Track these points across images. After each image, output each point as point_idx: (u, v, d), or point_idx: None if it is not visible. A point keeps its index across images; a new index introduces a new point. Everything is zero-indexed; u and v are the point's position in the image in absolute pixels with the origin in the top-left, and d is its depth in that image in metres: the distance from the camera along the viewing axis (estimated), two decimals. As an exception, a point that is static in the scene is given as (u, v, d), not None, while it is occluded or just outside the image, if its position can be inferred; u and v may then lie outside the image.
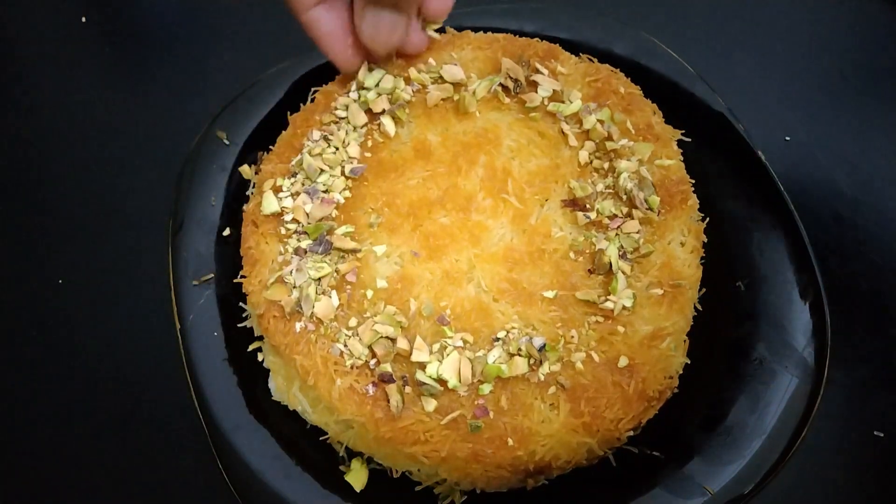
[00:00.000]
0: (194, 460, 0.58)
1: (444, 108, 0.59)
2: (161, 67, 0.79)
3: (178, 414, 0.59)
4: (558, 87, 0.58)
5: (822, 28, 0.80)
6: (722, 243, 0.60)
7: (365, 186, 0.56)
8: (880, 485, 0.58)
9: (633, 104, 0.59)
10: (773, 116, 0.74)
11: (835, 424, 0.60)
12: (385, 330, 0.49)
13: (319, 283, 0.51)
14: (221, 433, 0.53)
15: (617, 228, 0.53)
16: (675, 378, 0.52)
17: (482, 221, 0.54)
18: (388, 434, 0.47)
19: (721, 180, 0.62)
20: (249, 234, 0.54)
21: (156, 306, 0.63)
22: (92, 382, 0.62)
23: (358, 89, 0.58)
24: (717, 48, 0.79)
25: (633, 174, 0.55)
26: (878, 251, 0.67)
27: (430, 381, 0.47)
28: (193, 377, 0.55)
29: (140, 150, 0.73)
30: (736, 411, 0.53)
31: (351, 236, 0.53)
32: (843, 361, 0.62)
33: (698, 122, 0.62)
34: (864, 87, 0.76)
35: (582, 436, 0.48)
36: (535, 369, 0.48)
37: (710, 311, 0.57)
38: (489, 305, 0.51)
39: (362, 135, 0.57)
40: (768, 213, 0.60)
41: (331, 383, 0.48)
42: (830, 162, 0.71)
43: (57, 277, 0.66)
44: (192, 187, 0.61)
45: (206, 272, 0.59)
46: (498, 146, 0.57)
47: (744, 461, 0.51)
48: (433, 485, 0.52)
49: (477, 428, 0.47)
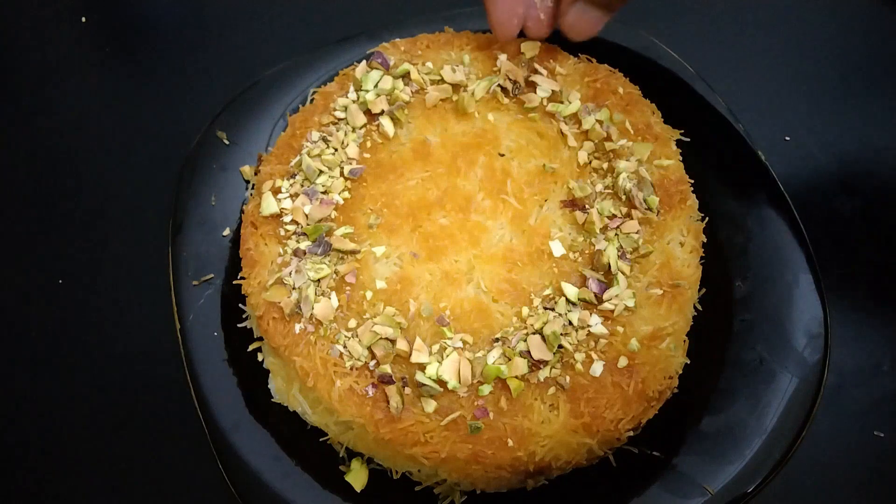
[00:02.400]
0: (194, 460, 0.58)
1: (443, 108, 0.59)
2: (161, 67, 0.79)
3: (178, 414, 0.59)
4: (557, 87, 0.58)
5: (822, 28, 0.80)
6: (721, 243, 0.60)
7: (364, 187, 0.56)
8: (880, 485, 0.58)
9: (632, 104, 0.59)
10: (773, 116, 0.74)
11: (835, 424, 0.60)
12: (384, 331, 0.49)
13: (319, 284, 0.51)
14: (221, 433, 0.53)
15: (616, 229, 0.53)
16: (675, 378, 0.52)
17: (481, 222, 0.54)
18: (388, 435, 0.47)
19: (721, 180, 0.62)
20: (249, 236, 0.54)
21: (156, 306, 0.63)
22: (92, 382, 0.62)
23: (356, 90, 0.58)
24: (717, 48, 0.78)
25: (633, 174, 0.55)
26: (878, 251, 0.67)
27: (429, 382, 0.47)
28: (193, 377, 0.55)
29: (140, 150, 0.73)
30: (736, 411, 0.53)
31: (350, 237, 0.53)
32: (843, 361, 0.62)
33: (698, 122, 0.62)
34: (864, 87, 0.76)
35: (582, 436, 0.48)
36: (535, 370, 0.48)
37: (710, 311, 0.57)
38: (489, 306, 0.51)
39: (361, 136, 0.57)
40: (768, 212, 0.60)
41: (330, 385, 0.48)
42: (830, 162, 0.71)
43: (57, 277, 0.66)
44: (192, 187, 0.61)
45: (206, 272, 0.59)
46: (497, 147, 0.57)
47: (744, 461, 0.51)
48: (433, 485, 0.52)
49: (477, 429, 0.47)
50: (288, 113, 0.62)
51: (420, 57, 0.60)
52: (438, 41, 0.61)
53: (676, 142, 0.58)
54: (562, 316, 0.50)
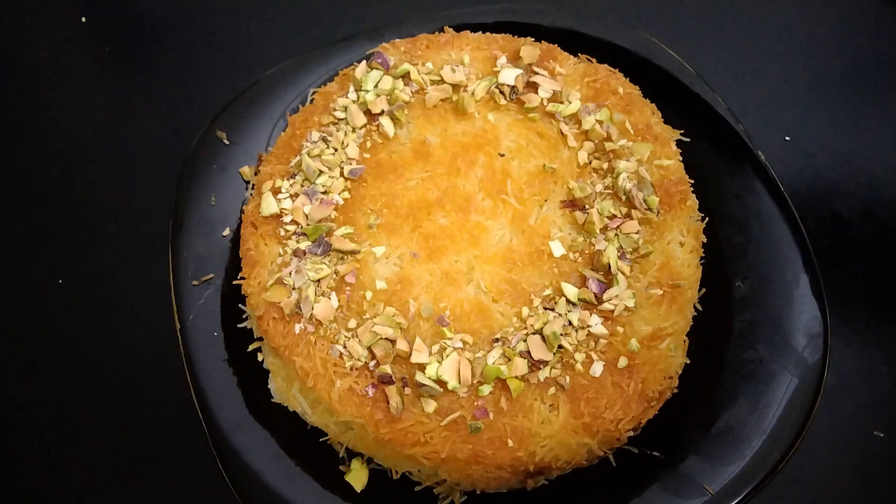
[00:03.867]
0: (194, 460, 0.58)
1: (442, 108, 0.59)
2: (161, 67, 0.79)
3: (178, 414, 0.59)
4: (557, 87, 0.58)
5: (821, 28, 0.80)
6: (721, 243, 0.60)
7: (364, 187, 0.56)
8: (880, 485, 0.58)
9: (632, 104, 0.59)
10: (773, 116, 0.74)
11: (835, 424, 0.60)
12: (384, 331, 0.49)
13: (319, 284, 0.51)
14: (221, 433, 0.53)
15: (616, 229, 0.53)
16: (675, 378, 0.52)
17: (481, 222, 0.54)
18: (388, 435, 0.47)
19: (721, 180, 0.62)
20: (249, 236, 0.54)
21: (156, 306, 0.63)
22: (92, 382, 0.62)
23: (356, 90, 0.58)
24: (717, 48, 0.78)
25: (633, 174, 0.55)
26: (878, 251, 0.67)
27: (429, 383, 0.47)
28: (193, 377, 0.55)
29: (140, 150, 0.73)
30: (736, 411, 0.53)
31: (350, 237, 0.53)
32: (843, 361, 0.62)
33: (698, 122, 0.62)
34: (864, 87, 0.76)
35: (582, 436, 0.48)
36: (535, 370, 0.48)
37: (710, 311, 0.57)
38: (488, 306, 0.51)
39: (361, 136, 0.57)
40: (768, 212, 0.60)
41: (330, 385, 0.48)
42: (830, 162, 0.71)
43: (57, 277, 0.66)
44: (192, 187, 0.61)
45: (206, 272, 0.59)
46: (497, 147, 0.57)
47: (744, 461, 0.51)
48: (433, 485, 0.52)
49: (477, 429, 0.47)
50: (288, 113, 0.62)
51: (420, 57, 0.60)
52: (438, 41, 0.61)
53: (676, 142, 0.58)
54: (562, 316, 0.50)
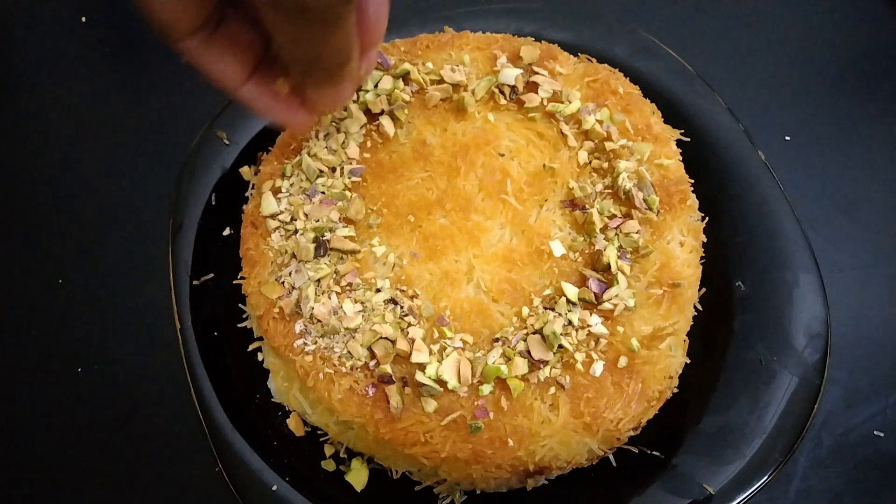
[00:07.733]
0: (194, 460, 0.58)
1: (443, 108, 0.59)
2: (161, 67, 0.79)
3: (178, 414, 0.59)
4: (557, 87, 0.58)
5: (821, 28, 0.80)
6: (721, 243, 0.60)
7: (364, 187, 0.56)
8: (880, 485, 0.58)
9: (632, 104, 0.59)
10: (773, 116, 0.74)
11: (835, 424, 0.60)
12: (384, 331, 0.49)
13: (319, 284, 0.51)
14: (221, 433, 0.53)
15: (616, 228, 0.53)
16: (675, 378, 0.52)
17: (481, 222, 0.54)
18: (388, 435, 0.47)
19: (721, 180, 0.62)
20: (249, 236, 0.54)
21: (156, 306, 0.63)
22: (92, 382, 0.62)
23: (356, 90, 0.58)
24: (717, 48, 0.78)
25: (633, 174, 0.55)
26: (878, 251, 0.67)
27: (429, 382, 0.47)
28: (193, 377, 0.55)
29: (140, 150, 0.73)
30: (736, 411, 0.53)
31: (350, 237, 0.53)
32: (843, 361, 0.62)
33: (698, 122, 0.62)
34: (863, 88, 0.76)
35: (582, 436, 0.48)
36: (535, 370, 0.48)
37: (710, 311, 0.57)
38: (488, 306, 0.51)
39: (361, 136, 0.57)
40: (768, 212, 0.60)
41: (330, 384, 0.48)
42: (830, 162, 0.71)
43: (57, 277, 0.66)
44: (192, 187, 0.62)
45: (206, 272, 0.59)
46: (497, 147, 0.57)
47: (744, 461, 0.51)
48: (433, 485, 0.52)
49: (477, 428, 0.47)
50: (288, 113, 0.62)
51: (420, 57, 0.60)
52: (438, 41, 0.61)
53: (676, 142, 0.58)
54: (562, 316, 0.50)
